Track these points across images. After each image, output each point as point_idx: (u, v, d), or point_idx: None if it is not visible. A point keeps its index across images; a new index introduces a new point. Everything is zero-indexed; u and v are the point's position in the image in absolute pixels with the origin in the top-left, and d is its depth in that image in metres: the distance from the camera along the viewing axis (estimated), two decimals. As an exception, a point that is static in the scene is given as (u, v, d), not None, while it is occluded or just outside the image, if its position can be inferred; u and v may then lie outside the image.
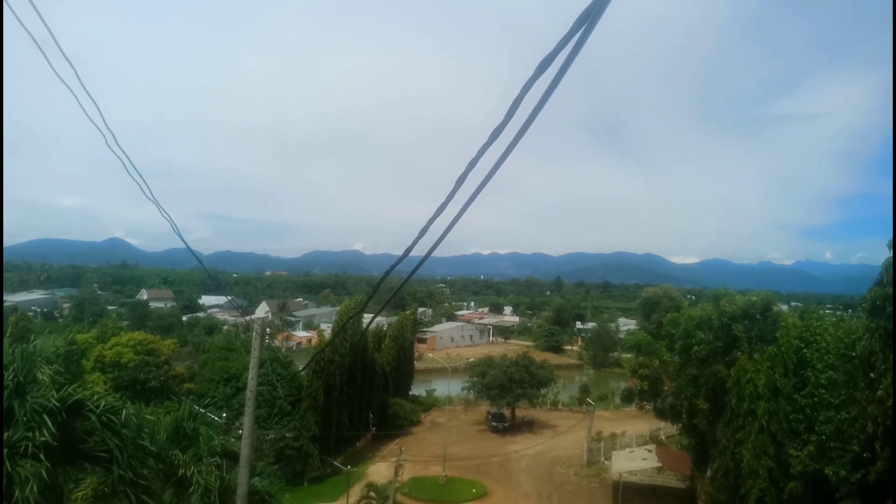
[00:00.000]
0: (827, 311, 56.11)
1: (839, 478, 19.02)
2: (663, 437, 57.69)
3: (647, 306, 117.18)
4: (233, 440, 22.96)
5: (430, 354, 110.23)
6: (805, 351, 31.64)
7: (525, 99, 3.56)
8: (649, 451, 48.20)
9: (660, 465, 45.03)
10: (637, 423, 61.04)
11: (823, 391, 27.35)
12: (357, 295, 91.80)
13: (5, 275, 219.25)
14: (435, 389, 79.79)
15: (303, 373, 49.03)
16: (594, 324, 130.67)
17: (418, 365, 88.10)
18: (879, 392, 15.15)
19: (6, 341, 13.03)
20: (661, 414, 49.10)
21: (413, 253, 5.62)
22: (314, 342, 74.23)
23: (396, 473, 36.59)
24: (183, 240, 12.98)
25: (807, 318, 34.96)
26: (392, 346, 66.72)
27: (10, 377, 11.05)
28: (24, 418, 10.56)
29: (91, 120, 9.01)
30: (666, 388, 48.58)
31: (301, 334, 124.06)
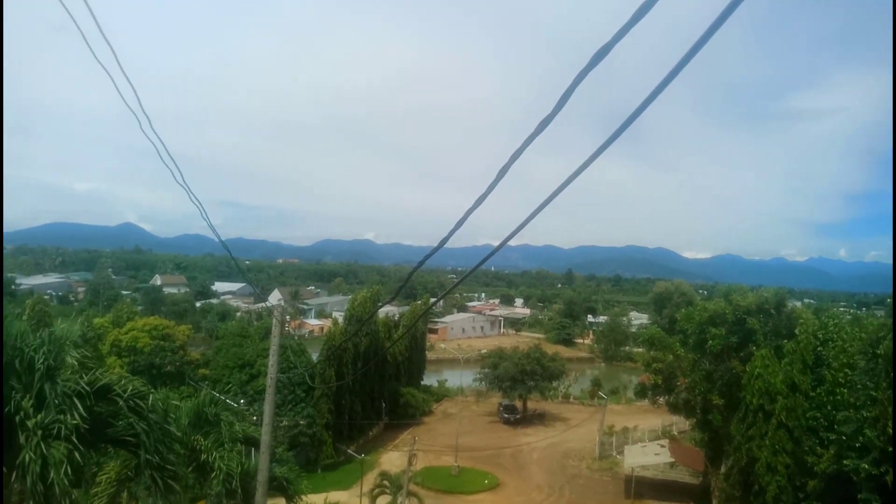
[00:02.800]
0: (841, 309, 55.69)
1: (860, 476, 18.90)
2: (676, 433, 57.56)
3: (658, 301, 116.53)
4: (250, 426, 23.16)
5: (442, 345, 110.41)
6: (821, 349, 31.48)
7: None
8: (662, 446, 48.12)
9: (672, 460, 44.99)
10: (650, 418, 60.93)
11: (844, 390, 27.18)
12: (370, 285, 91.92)
13: (21, 258, 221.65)
14: (447, 380, 79.97)
15: (319, 361, 49.32)
16: (606, 317, 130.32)
17: (430, 355, 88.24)
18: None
19: (25, 324, 13.09)
20: (674, 409, 48.97)
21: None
22: (326, 330, 74.59)
23: (410, 463, 36.66)
24: (211, 226, 13.02)
25: (822, 316, 34.77)
26: (405, 336, 66.84)
27: (41, 360, 11.13)
28: (56, 401, 10.66)
29: (127, 104, 9.04)
30: (679, 383, 48.40)
31: (313, 322, 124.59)
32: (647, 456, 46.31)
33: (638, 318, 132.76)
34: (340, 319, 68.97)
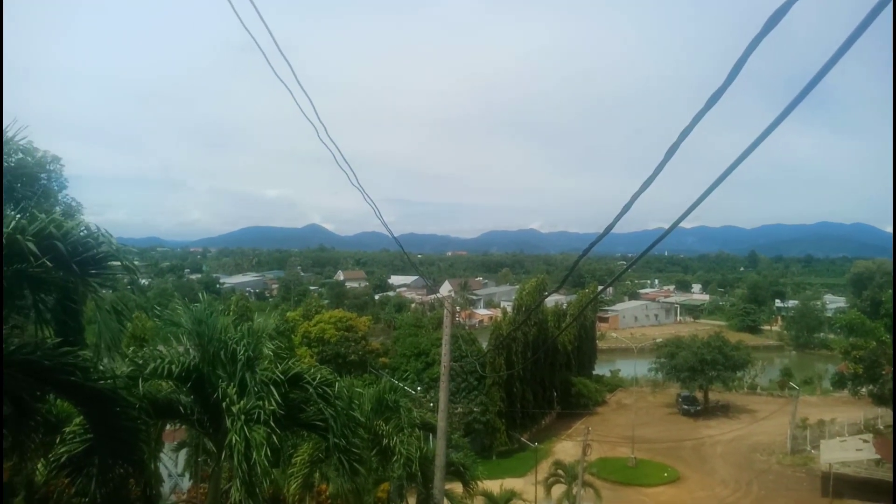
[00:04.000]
0: None
1: None
2: (882, 427, 51.78)
3: (857, 282, 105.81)
4: (427, 412, 24.15)
5: (613, 334, 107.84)
6: None
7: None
8: (865, 441, 43.57)
9: (878, 456, 40.52)
10: (850, 410, 55.35)
11: None
12: (536, 274, 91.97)
13: (224, 260, 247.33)
14: (619, 370, 78.05)
15: (489, 349, 50.27)
16: (796, 301, 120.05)
17: (601, 344, 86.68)
18: None
19: (228, 318, 14.54)
20: (879, 400, 44.30)
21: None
22: (495, 320, 75.86)
23: (584, 452, 36.28)
24: (384, 223, 13.70)
25: None
26: (573, 324, 66.16)
27: (242, 352, 12.39)
28: (255, 389, 11.82)
29: (304, 114, 9.69)
30: (885, 371, 43.79)
31: (482, 312, 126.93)
32: (848, 451, 42.11)
33: (833, 302, 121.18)
34: (508, 309, 69.77)
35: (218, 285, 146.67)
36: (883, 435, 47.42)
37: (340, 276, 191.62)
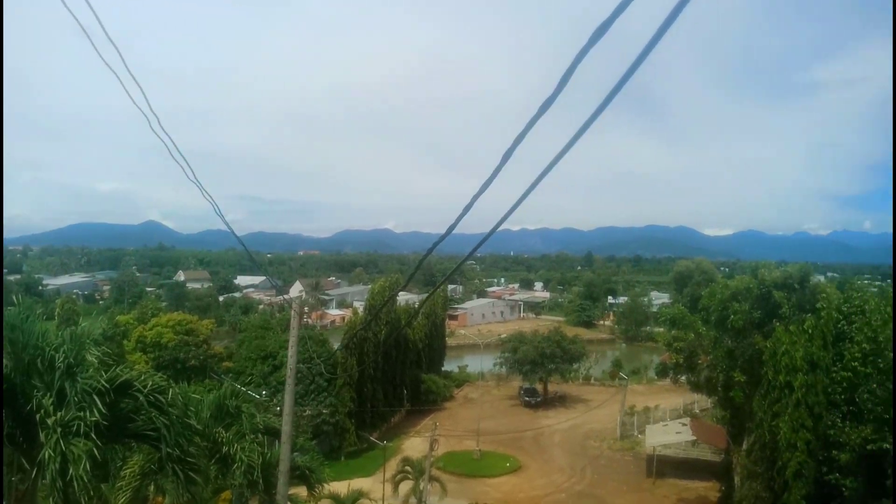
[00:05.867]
0: (864, 282, 55.00)
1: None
2: (697, 411, 57.40)
3: (679, 280, 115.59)
4: (272, 417, 23.52)
5: (462, 331, 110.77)
6: (842, 324, 31.19)
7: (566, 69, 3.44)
8: (683, 424, 48.07)
9: (694, 438, 44.90)
10: (671, 397, 60.79)
11: (866, 368, 27.14)
12: (389, 274, 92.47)
13: (48, 259, 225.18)
14: (467, 365, 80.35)
15: (338, 350, 49.74)
16: (626, 298, 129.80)
17: (450, 341, 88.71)
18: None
19: (46, 323, 13.39)
20: (695, 387, 48.76)
21: (444, 230, 5.58)
22: (347, 320, 75.30)
23: (432, 448, 37.00)
24: (225, 221, 13.21)
25: (846, 290, 34.39)
26: (424, 322, 67.23)
27: (61, 359, 11.43)
28: (76, 399, 10.95)
29: (136, 104, 9.19)
30: (701, 361, 48.21)
31: (334, 312, 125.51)
32: (669, 435, 46.31)
33: (659, 298, 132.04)
34: (361, 309, 69.53)
35: (41, 287, 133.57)
36: (698, 418, 52.51)
37: (181, 276, 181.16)
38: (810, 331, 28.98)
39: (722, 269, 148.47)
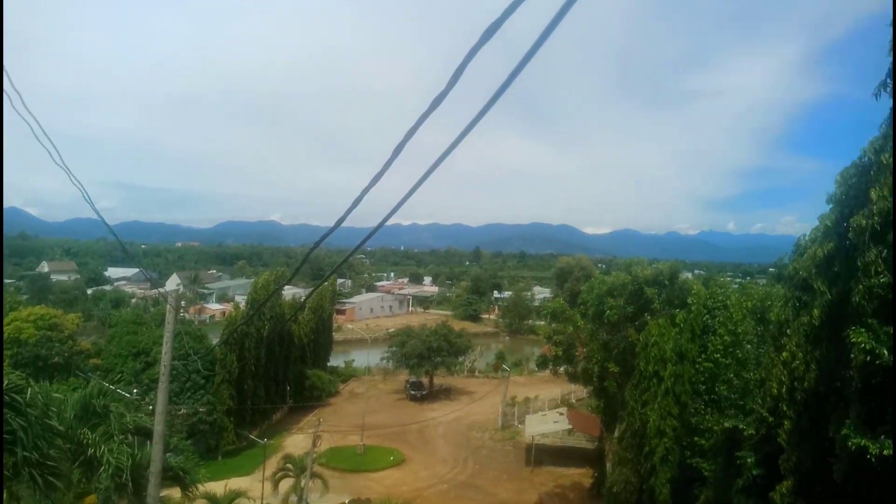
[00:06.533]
0: (727, 279, 59.43)
1: (744, 435, 20.34)
2: (574, 401, 59.97)
3: (560, 275, 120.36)
4: (144, 416, 22.33)
5: (350, 325, 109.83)
6: (707, 317, 33.56)
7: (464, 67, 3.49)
8: (561, 413, 50.06)
9: (570, 427, 46.91)
10: (550, 388, 63.12)
11: (727, 360, 29.35)
12: (275, 267, 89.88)
13: None
14: (354, 360, 79.75)
15: (217, 346, 47.94)
16: (510, 293, 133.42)
17: (337, 336, 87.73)
18: (785, 355, 16.26)
19: None
20: (573, 378, 50.79)
21: (333, 223, 5.51)
22: (228, 315, 72.56)
23: (314, 444, 36.52)
24: (94, 208, 12.35)
25: (710, 286, 37.03)
26: (310, 317, 66.07)
27: None
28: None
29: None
30: (578, 353, 50.33)
31: (214, 307, 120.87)
32: (547, 424, 48.10)
33: (541, 293, 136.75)
34: (243, 303, 67.30)
35: None
36: (574, 408, 54.89)
37: (45, 267, 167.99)
38: (681, 324, 30.95)
39: (600, 265, 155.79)
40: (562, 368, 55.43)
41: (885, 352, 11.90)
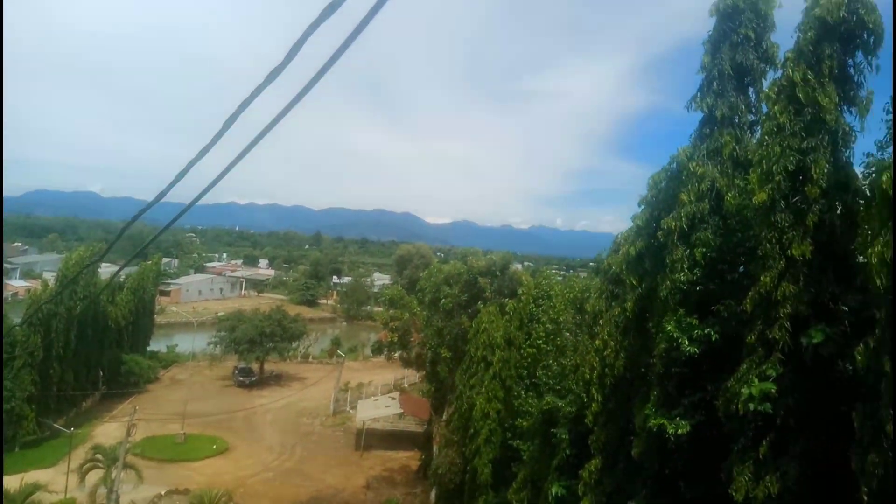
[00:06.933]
0: (553, 271, 63.05)
1: (560, 415, 21.53)
2: (407, 385, 60.82)
3: (400, 263, 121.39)
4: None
5: (174, 308, 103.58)
6: (532, 307, 35.28)
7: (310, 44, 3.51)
8: (393, 398, 50.59)
9: (401, 411, 47.51)
10: (384, 373, 63.55)
11: (548, 346, 30.98)
12: (92, 242, 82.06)
13: None
14: (178, 345, 75.10)
15: (19, 327, 43.03)
16: (350, 278, 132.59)
17: (160, 319, 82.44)
18: (598, 343, 17.24)
19: None
20: (407, 363, 51.46)
21: (167, 198, 5.12)
22: (33, 292, 65.08)
23: (128, 433, 33.87)
24: None
25: (537, 277, 39.08)
26: (130, 298, 61.27)
27: None
28: None
29: None
30: (413, 339, 51.07)
31: (18, 284, 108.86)
32: (378, 409, 48.40)
33: (381, 280, 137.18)
34: (51, 281, 60.89)
35: None
36: (407, 392, 55.62)
37: None
38: (510, 312, 32.26)
39: (438, 254, 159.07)
40: (397, 354, 56.16)
41: (686, 342, 12.99)
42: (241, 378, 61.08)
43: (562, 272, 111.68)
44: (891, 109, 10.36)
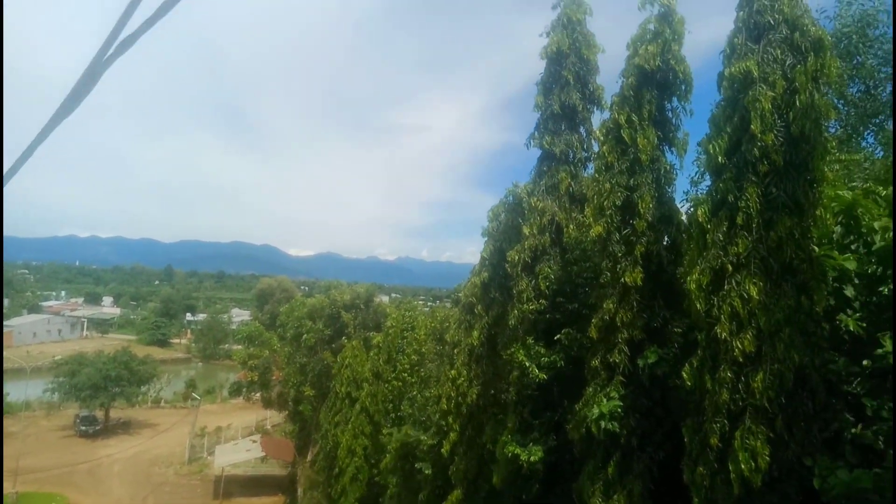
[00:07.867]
0: (419, 302, 63.84)
1: (423, 448, 21.73)
2: (269, 427, 58.67)
3: (261, 297, 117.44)
4: None
5: (5, 352, 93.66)
6: (398, 339, 35.58)
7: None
8: (254, 441, 48.58)
9: (264, 454, 45.72)
10: (245, 415, 60.99)
11: (407, 375, 31.24)
12: None
13: None
14: (8, 394, 67.78)
15: None
16: (206, 315, 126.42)
17: (-14, 366, 74.06)
18: (452, 372, 17.66)
19: None
20: (268, 404, 49.82)
21: None
22: None
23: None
24: None
25: (401, 309, 39.45)
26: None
27: None
28: None
29: None
30: (274, 377, 49.58)
31: None
32: (238, 453, 46.25)
33: (240, 315, 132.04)
34: None
35: None
36: (269, 434, 53.68)
37: None
38: (378, 346, 32.29)
39: (302, 287, 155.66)
40: (257, 394, 54.27)
41: (535, 369, 13.72)
42: (83, 427, 56.11)
43: (428, 303, 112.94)
44: (702, 150, 11.62)
